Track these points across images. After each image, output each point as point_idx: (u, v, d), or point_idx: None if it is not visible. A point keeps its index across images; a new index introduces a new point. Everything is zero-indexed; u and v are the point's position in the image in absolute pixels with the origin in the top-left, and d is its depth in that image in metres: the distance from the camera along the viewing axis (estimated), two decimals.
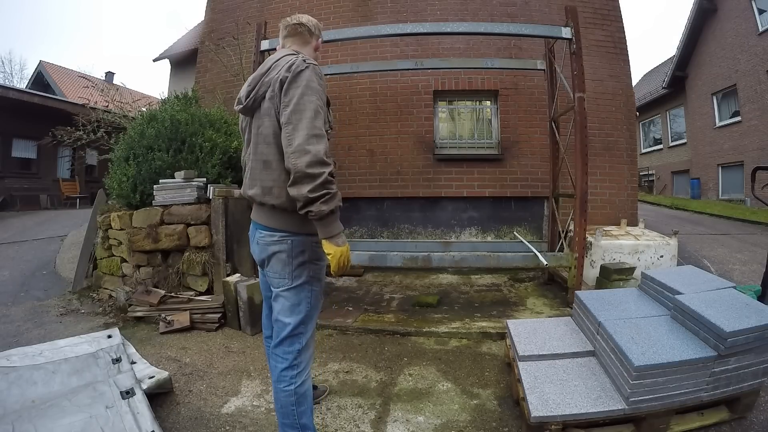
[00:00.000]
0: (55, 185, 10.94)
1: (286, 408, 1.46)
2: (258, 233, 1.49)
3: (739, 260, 4.71)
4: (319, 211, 1.26)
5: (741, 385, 1.70)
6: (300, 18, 1.57)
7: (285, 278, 1.43)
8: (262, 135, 1.41)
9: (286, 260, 1.43)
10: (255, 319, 2.99)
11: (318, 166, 1.24)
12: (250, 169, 1.49)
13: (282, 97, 1.33)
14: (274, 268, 1.45)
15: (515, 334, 2.15)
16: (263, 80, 1.41)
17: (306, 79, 1.32)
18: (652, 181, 15.44)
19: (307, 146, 1.24)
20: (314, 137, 1.26)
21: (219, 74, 5.56)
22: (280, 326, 1.47)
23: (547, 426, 1.60)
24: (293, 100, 1.30)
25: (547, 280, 4.08)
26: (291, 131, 1.28)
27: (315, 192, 1.24)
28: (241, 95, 1.47)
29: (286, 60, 1.39)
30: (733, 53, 10.76)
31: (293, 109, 1.29)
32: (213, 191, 3.39)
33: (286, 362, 1.45)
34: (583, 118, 3.18)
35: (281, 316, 1.46)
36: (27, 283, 4.31)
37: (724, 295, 1.90)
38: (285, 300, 1.45)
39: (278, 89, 1.34)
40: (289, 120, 1.29)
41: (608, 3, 4.98)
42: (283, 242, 1.42)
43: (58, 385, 1.72)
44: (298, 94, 1.30)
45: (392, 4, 5.07)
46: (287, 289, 1.44)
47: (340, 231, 1.34)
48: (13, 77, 23.11)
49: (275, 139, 1.37)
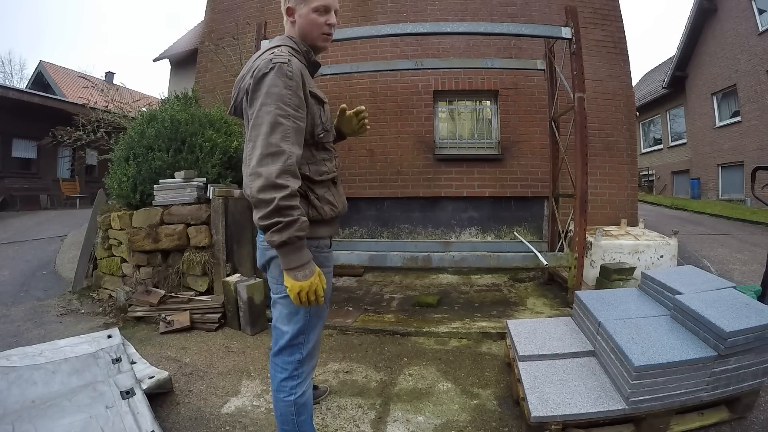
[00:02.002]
0: (55, 185, 10.94)
1: (285, 417, 1.41)
2: (258, 237, 1.41)
3: (739, 260, 4.71)
4: (270, 240, 1.11)
5: (741, 385, 1.70)
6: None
7: (282, 284, 1.27)
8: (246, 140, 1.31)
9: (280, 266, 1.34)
10: (255, 319, 2.99)
11: (268, 191, 1.08)
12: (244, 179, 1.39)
13: (248, 107, 1.20)
14: (272, 274, 1.36)
15: (515, 334, 2.15)
16: (240, 85, 1.26)
17: (267, 85, 1.14)
18: (652, 181, 15.44)
19: (259, 168, 1.10)
20: (268, 156, 1.10)
21: (219, 74, 5.56)
22: (278, 334, 1.39)
23: (547, 426, 1.60)
24: (254, 112, 1.15)
25: (547, 280, 4.08)
26: (250, 150, 1.14)
27: (265, 220, 1.09)
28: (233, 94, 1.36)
29: (257, 62, 1.22)
30: (733, 53, 10.77)
31: (253, 123, 1.15)
32: (213, 191, 3.40)
33: (286, 372, 1.38)
34: (583, 118, 3.18)
35: (279, 324, 1.38)
36: (27, 283, 4.31)
37: (724, 295, 1.90)
38: (282, 307, 1.35)
39: (246, 98, 1.21)
40: (250, 137, 1.15)
41: (608, 3, 4.98)
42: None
43: (58, 385, 1.72)
44: (258, 105, 1.14)
45: (392, 4, 5.07)
46: (284, 297, 1.31)
47: (301, 263, 1.15)
48: (13, 77, 23.15)
49: None
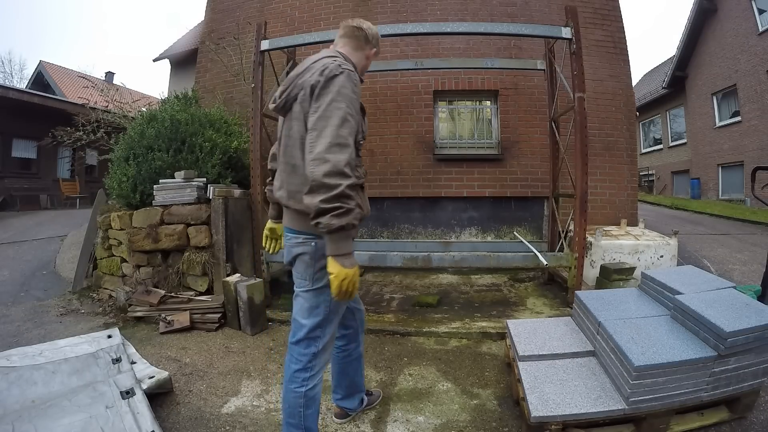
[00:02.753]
0: (55, 185, 10.94)
1: (293, 408, 1.45)
2: (285, 235, 1.53)
3: (739, 260, 4.71)
4: (328, 224, 1.18)
5: (741, 385, 1.70)
6: (361, 23, 1.57)
7: (306, 280, 1.44)
8: (291, 138, 1.40)
9: (308, 262, 1.43)
10: (255, 319, 3.00)
11: (336, 176, 1.18)
12: (278, 175, 1.51)
13: (312, 102, 1.30)
14: (297, 269, 1.48)
15: (515, 334, 2.15)
16: (296, 82, 1.38)
17: (338, 85, 1.27)
18: (652, 181, 15.44)
19: (327, 155, 1.19)
20: (336, 146, 1.21)
21: (219, 74, 5.56)
22: (296, 326, 1.48)
23: (547, 426, 1.60)
24: (322, 106, 1.25)
25: (547, 280, 4.08)
26: (314, 138, 1.23)
27: (328, 203, 1.17)
28: (276, 94, 1.45)
29: (322, 63, 1.35)
30: (733, 53, 10.77)
31: (320, 115, 1.25)
32: (213, 191, 3.39)
33: (300, 364, 1.45)
34: (583, 118, 3.18)
35: (298, 317, 1.48)
36: (27, 283, 4.31)
37: (724, 295, 1.90)
38: (304, 301, 1.46)
39: (309, 94, 1.31)
40: (314, 126, 1.25)
41: (608, 3, 4.98)
42: (306, 244, 1.42)
43: (58, 385, 1.72)
44: (328, 100, 1.25)
45: (392, 4, 5.07)
46: (307, 291, 1.45)
47: (350, 251, 1.26)
48: (12, 77, 23.13)
49: (302, 144, 1.34)
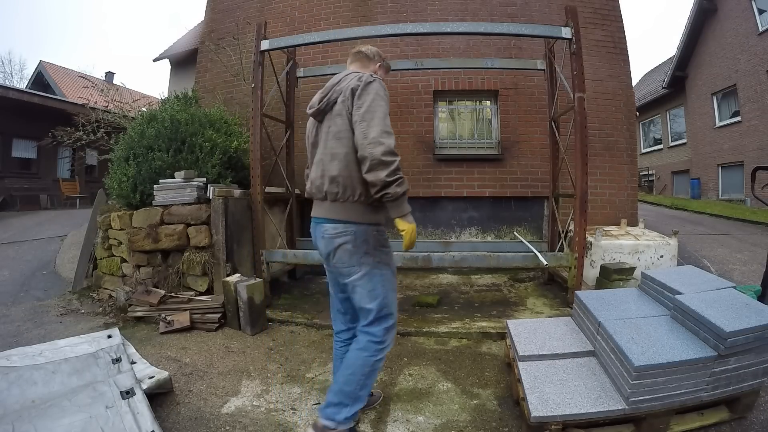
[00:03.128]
0: (55, 185, 10.94)
1: (356, 375, 1.60)
2: (322, 227, 1.63)
3: (739, 260, 4.71)
4: (394, 192, 1.45)
5: (741, 385, 1.70)
6: (360, 48, 1.85)
7: (354, 266, 1.58)
8: (332, 132, 1.59)
9: (352, 250, 1.57)
10: (255, 319, 3.00)
11: (391, 155, 1.45)
12: (317, 164, 1.67)
13: (354, 101, 1.54)
14: (342, 260, 1.59)
15: (515, 334, 2.15)
16: (335, 88, 1.62)
17: (375, 88, 1.55)
18: (652, 181, 15.44)
19: (381, 139, 1.45)
20: (386, 133, 1.48)
21: (219, 74, 5.56)
22: (365, 313, 1.63)
23: (547, 426, 1.60)
24: (366, 103, 1.51)
25: (547, 280, 4.08)
26: (366, 127, 1.47)
27: (391, 176, 1.44)
28: (314, 101, 1.67)
29: (355, 74, 1.63)
30: (733, 53, 10.77)
31: (366, 109, 1.50)
32: (213, 191, 3.39)
33: (377, 338, 1.62)
34: (583, 118, 3.18)
35: (363, 304, 1.61)
36: (27, 283, 4.31)
37: (724, 295, 1.90)
38: (361, 288, 1.59)
39: (350, 95, 1.55)
40: (363, 118, 1.49)
41: (608, 3, 4.98)
42: (347, 233, 1.57)
43: (58, 385, 1.72)
44: (370, 99, 1.51)
45: (392, 4, 5.06)
46: (359, 278, 1.58)
47: (409, 210, 1.53)
48: (12, 77, 23.11)
49: (345, 135, 1.55)
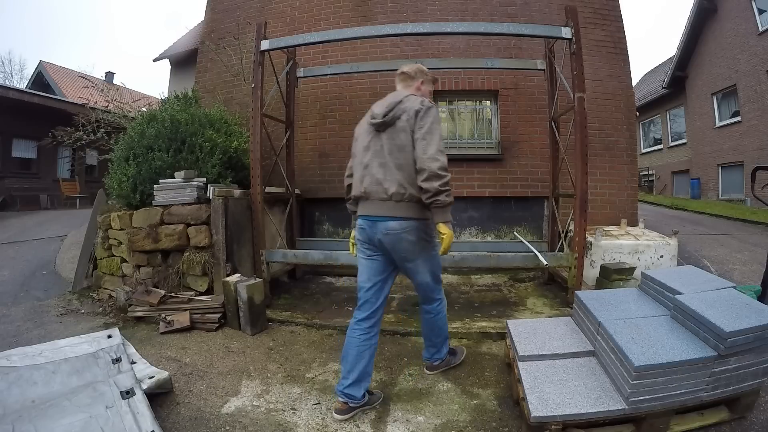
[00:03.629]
0: (55, 185, 10.93)
1: (441, 329, 2.22)
2: (385, 224, 1.90)
3: (739, 260, 4.71)
4: (443, 200, 1.79)
5: (741, 385, 1.70)
6: (403, 68, 2.13)
7: (414, 254, 1.96)
8: (397, 145, 1.88)
9: (412, 240, 1.91)
10: (255, 319, 3.00)
11: (444, 170, 1.79)
12: (376, 168, 1.92)
13: (417, 121, 1.85)
14: (407, 249, 1.93)
15: (515, 334, 2.15)
16: (399, 106, 1.90)
17: (433, 114, 1.88)
18: (652, 181, 15.43)
19: (437, 156, 1.79)
20: (441, 152, 1.81)
21: (219, 74, 5.56)
22: (426, 286, 2.09)
23: (547, 426, 1.60)
24: (426, 125, 1.84)
25: (547, 280, 4.08)
26: (426, 145, 1.81)
27: (443, 187, 1.77)
28: (376, 113, 1.93)
29: (414, 98, 1.93)
30: (733, 53, 10.76)
31: (427, 130, 1.83)
32: (213, 191, 3.39)
33: (438, 299, 2.16)
34: (583, 118, 3.18)
35: (425, 279, 2.06)
36: (27, 283, 4.31)
37: (724, 295, 1.90)
38: (422, 268, 2.02)
39: (413, 115, 1.86)
40: (424, 137, 1.82)
41: (608, 3, 4.97)
42: (410, 228, 1.90)
43: (58, 385, 1.72)
44: (430, 122, 1.85)
45: (392, 4, 5.06)
46: (421, 261, 1.99)
47: (451, 219, 1.86)
48: (12, 77, 23.10)
49: (408, 148, 1.86)
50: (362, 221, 1.99)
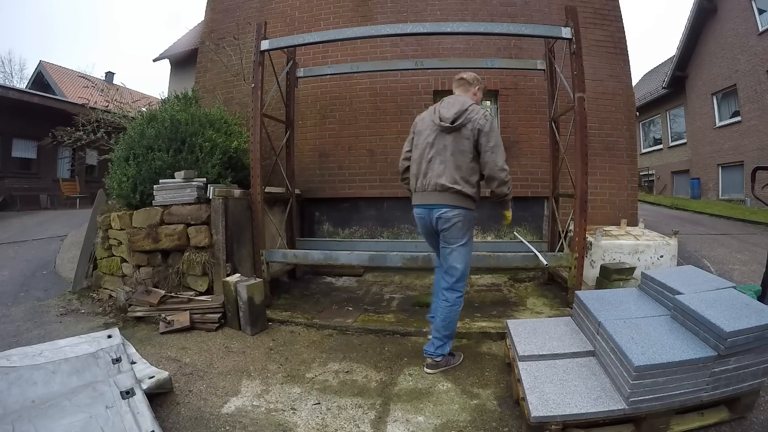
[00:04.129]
0: (55, 185, 10.93)
1: (452, 322, 2.34)
2: (440, 210, 2.25)
3: (739, 260, 4.71)
4: (509, 198, 2.37)
5: (741, 385, 1.70)
6: (462, 75, 2.47)
7: (459, 238, 2.28)
8: (460, 150, 2.23)
9: (461, 227, 2.26)
10: (255, 319, 3.00)
11: (508, 176, 2.25)
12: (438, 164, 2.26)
13: (483, 136, 2.20)
14: (453, 233, 2.26)
15: (515, 334, 2.15)
16: (466, 115, 2.22)
17: (495, 127, 2.25)
18: (652, 181, 15.43)
19: (504, 166, 2.22)
20: (505, 161, 2.24)
21: (219, 74, 5.56)
22: (454, 270, 2.32)
23: (547, 426, 1.60)
24: (493, 139, 2.21)
25: (547, 280, 4.08)
26: (495, 157, 2.21)
27: (509, 189, 2.30)
28: (446, 116, 2.24)
29: (477, 108, 2.27)
30: (733, 53, 10.76)
31: (495, 144, 2.21)
32: (213, 191, 3.39)
33: (459, 293, 2.34)
34: (583, 118, 3.18)
35: (455, 263, 2.31)
36: (27, 283, 4.32)
37: (724, 295, 1.90)
38: (457, 253, 2.30)
39: (478, 129, 2.20)
40: (493, 150, 2.20)
41: (608, 3, 4.97)
42: (460, 216, 2.24)
43: (58, 385, 1.72)
44: (495, 135, 2.22)
45: (392, 4, 5.06)
46: (460, 246, 2.29)
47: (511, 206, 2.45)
48: (12, 77, 23.08)
49: (468, 154, 2.23)
50: (420, 210, 2.36)
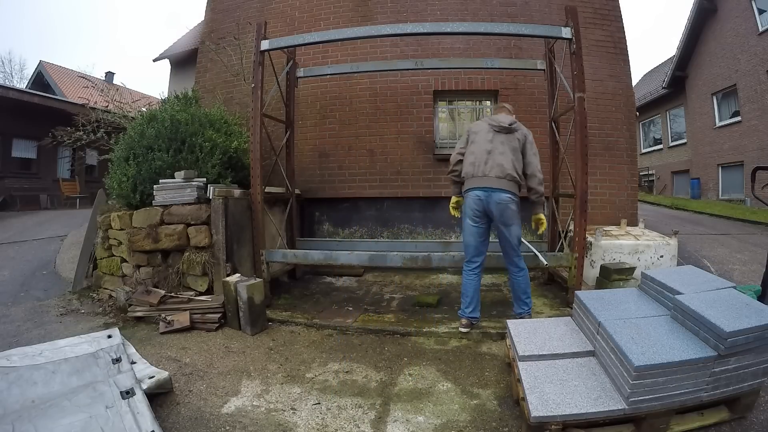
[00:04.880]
0: (55, 185, 10.92)
1: (527, 285, 2.87)
2: (498, 195, 2.69)
3: (739, 260, 4.71)
4: (543, 197, 2.90)
5: (741, 385, 1.70)
6: (504, 104, 3.15)
7: (513, 219, 2.73)
8: (512, 147, 2.78)
9: (514, 209, 2.72)
10: (255, 319, 3.00)
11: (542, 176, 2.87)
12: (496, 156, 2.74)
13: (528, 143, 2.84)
14: (508, 215, 2.70)
15: (515, 334, 2.15)
16: (513, 125, 2.83)
17: (533, 140, 2.89)
18: (652, 181, 15.43)
19: (540, 169, 2.85)
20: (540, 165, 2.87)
21: (219, 74, 5.56)
22: (513, 248, 2.80)
23: (547, 426, 1.60)
24: (534, 147, 2.86)
25: (547, 280, 4.08)
26: (536, 161, 2.84)
27: (543, 188, 2.86)
28: (504, 123, 2.82)
29: (520, 123, 2.90)
30: (733, 53, 10.76)
31: (535, 152, 2.85)
32: (213, 191, 3.39)
33: (523, 265, 2.86)
34: (583, 118, 3.18)
35: (514, 240, 2.78)
36: (27, 283, 4.31)
37: (724, 295, 1.90)
38: (514, 231, 2.76)
39: (524, 137, 2.84)
40: (535, 155, 2.85)
41: (608, 3, 4.97)
42: (514, 200, 2.72)
43: (58, 385, 1.72)
44: (534, 146, 2.87)
45: (392, 4, 5.06)
46: (515, 226, 2.75)
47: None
48: (12, 77, 23.04)
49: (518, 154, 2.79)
50: (480, 192, 2.72)
